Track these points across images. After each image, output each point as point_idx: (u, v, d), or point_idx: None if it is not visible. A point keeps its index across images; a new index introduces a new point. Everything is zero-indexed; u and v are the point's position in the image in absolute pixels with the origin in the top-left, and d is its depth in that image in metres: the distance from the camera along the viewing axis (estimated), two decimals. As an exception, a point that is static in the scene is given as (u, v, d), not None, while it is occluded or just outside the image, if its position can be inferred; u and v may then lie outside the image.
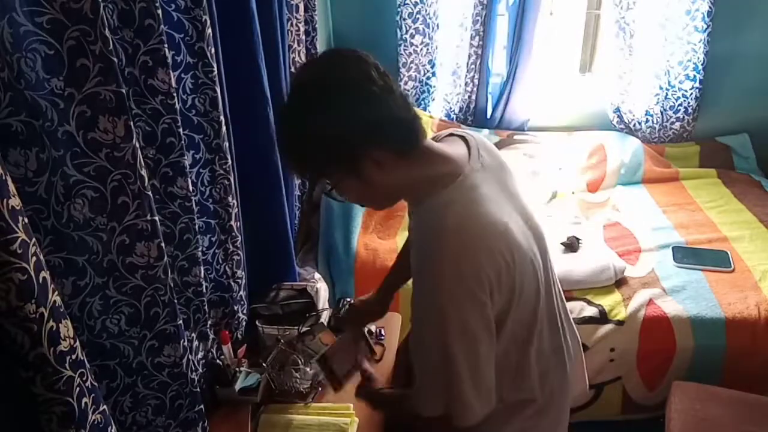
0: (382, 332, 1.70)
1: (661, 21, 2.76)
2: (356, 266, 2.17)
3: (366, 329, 1.59)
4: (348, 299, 1.77)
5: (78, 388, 0.80)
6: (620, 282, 2.13)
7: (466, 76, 2.89)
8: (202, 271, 1.32)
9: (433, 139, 1.11)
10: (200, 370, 1.43)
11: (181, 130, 1.14)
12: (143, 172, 0.96)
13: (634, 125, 3.01)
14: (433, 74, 2.93)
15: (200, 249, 1.30)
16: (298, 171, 1.12)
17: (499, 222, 0.97)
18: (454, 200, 0.96)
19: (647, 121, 2.98)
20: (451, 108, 2.98)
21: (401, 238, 2.32)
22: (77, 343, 0.80)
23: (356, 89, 0.90)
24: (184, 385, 1.20)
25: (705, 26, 2.69)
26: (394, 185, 0.99)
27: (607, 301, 2.05)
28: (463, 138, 1.08)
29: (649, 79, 2.89)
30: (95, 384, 0.85)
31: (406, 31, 2.79)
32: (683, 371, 1.99)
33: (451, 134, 1.12)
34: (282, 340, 1.58)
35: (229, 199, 1.44)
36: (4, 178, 0.67)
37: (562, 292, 1.19)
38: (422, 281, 0.97)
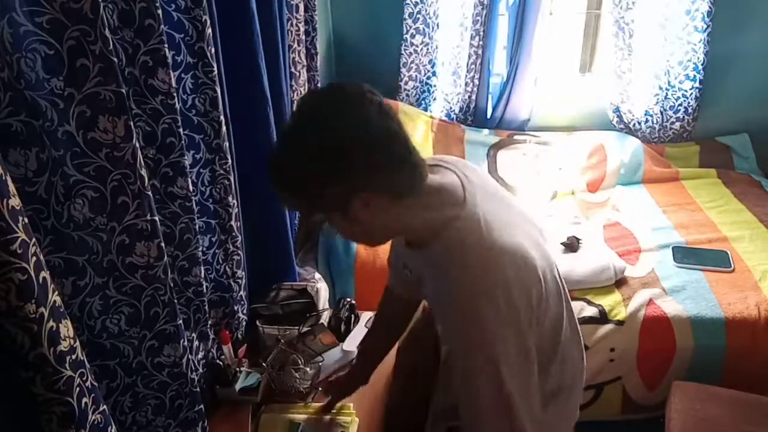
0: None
1: (661, 21, 2.76)
2: (356, 266, 2.17)
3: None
4: (348, 299, 1.76)
5: (78, 388, 0.80)
6: (620, 282, 2.13)
7: (466, 76, 2.89)
8: (203, 271, 1.32)
9: None
10: (200, 370, 1.43)
11: (181, 130, 1.14)
12: (143, 172, 0.96)
13: (634, 125, 3.01)
14: (434, 74, 2.93)
15: (200, 249, 1.30)
16: (287, 204, 1.08)
17: (518, 249, 0.96)
18: (467, 239, 0.94)
19: (647, 121, 2.98)
20: (451, 108, 2.98)
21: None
22: (77, 343, 0.80)
23: (351, 134, 0.87)
24: (183, 384, 1.20)
25: (705, 26, 2.69)
26: (385, 225, 0.98)
27: (607, 301, 2.05)
28: (444, 167, 1.05)
29: (649, 79, 2.89)
30: (95, 384, 0.85)
31: (407, 31, 2.79)
32: (683, 371, 1.99)
33: (435, 165, 1.07)
34: (282, 340, 1.59)
35: (229, 199, 1.44)
36: (4, 178, 0.67)
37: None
38: (456, 326, 0.96)
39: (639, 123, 3.00)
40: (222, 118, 1.33)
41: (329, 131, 0.87)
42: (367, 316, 1.73)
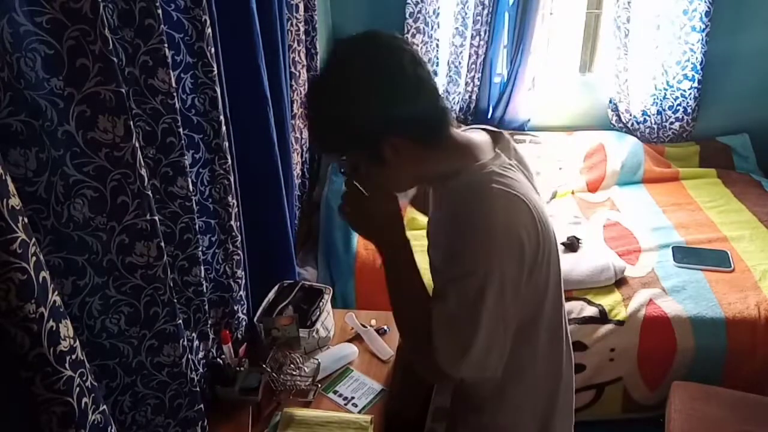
0: (386, 328, 1.70)
1: (659, 21, 2.76)
2: (356, 266, 2.17)
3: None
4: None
5: (78, 388, 0.80)
6: (620, 282, 2.13)
7: (466, 75, 2.89)
8: (203, 271, 1.32)
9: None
10: (201, 370, 1.43)
11: (181, 129, 1.14)
12: (143, 171, 0.96)
13: (633, 125, 3.01)
14: (434, 73, 2.92)
15: (200, 249, 1.30)
16: (319, 147, 1.11)
17: (533, 200, 0.97)
18: (486, 175, 0.96)
19: (645, 120, 2.99)
20: (452, 107, 2.98)
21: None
22: (77, 343, 0.80)
23: (385, 79, 0.92)
24: (183, 384, 1.20)
25: (703, 26, 2.69)
26: (412, 171, 1.01)
27: (607, 301, 2.05)
28: (493, 133, 1.10)
29: (648, 80, 2.90)
30: (95, 384, 0.85)
31: (407, 30, 2.79)
32: (684, 371, 2.00)
33: (474, 128, 1.12)
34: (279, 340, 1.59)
35: (229, 198, 1.44)
36: (4, 178, 0.67)
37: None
38: (463, 244, 0.95)
39: (638, 123, 3.00)
40: (222, 117, 1.33)
41: (364, 73, 0.92)
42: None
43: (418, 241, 1.08)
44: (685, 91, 2.86)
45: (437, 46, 2.86)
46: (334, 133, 0.97)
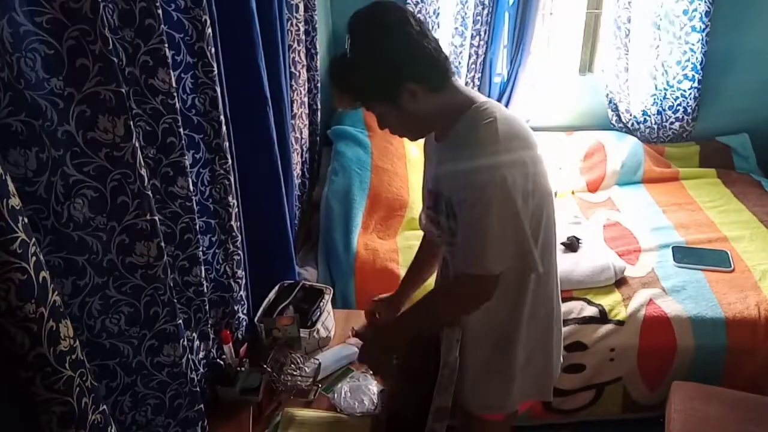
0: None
1: (660, 21, 2.76)
2: (356, 266, 2.17)
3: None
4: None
5: (78, 388, 0.80)
6: (620, 282, 2.13)
7: (466, 75, 2.89)
8: (203, 271, 1.32)
9: None
10: (201, 370, 1.44)
11: (181, 129, 1.14)
12: (143, 171, 0.96)
13: (633, 125, 3.01)
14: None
15: (201, 249, 1.30)
16: (347, 102, 1.27)
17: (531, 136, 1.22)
18: (488, 110, 1.15)
19: (645, 120, 2.99)
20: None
21: (401, 238, 2.32)
22: (77, 343, 0.80)
23: (397, 32, 1.10)
24: (183, 384, 1.20)
25: (703, 26, 2.69)
26: (426, 115, 1.18)
27: (607, 301, 2.05)
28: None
29: (648, 80, 2.90)
30: (95, 384, 0.85)
31: (407, 31, 2.79)
32: (684, 371, 2.00)
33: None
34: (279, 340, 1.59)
35: (229, 198, 1.44)
36: (4, 178, 0.67)
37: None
38: (474, 169, 1.13)
39: (638, 123, 3.00)
40: (222, 117, 1.33)
41: (381, 32, 1.12)
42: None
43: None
44: (685, 91, 2.86)
45: (437, 46, 2.86)
46: (361, 86, 1.15)
